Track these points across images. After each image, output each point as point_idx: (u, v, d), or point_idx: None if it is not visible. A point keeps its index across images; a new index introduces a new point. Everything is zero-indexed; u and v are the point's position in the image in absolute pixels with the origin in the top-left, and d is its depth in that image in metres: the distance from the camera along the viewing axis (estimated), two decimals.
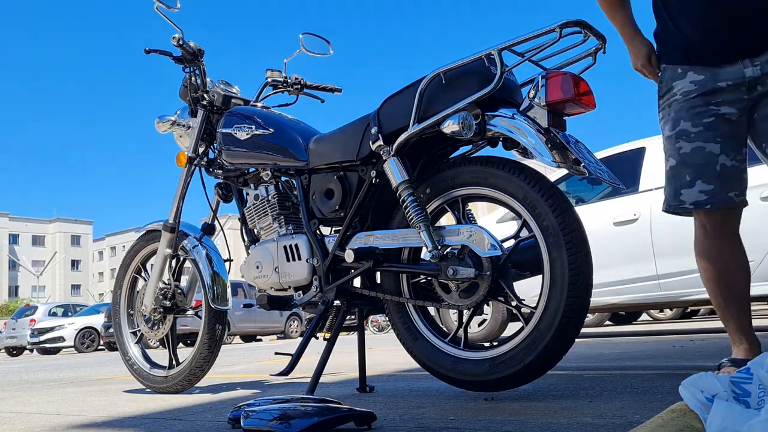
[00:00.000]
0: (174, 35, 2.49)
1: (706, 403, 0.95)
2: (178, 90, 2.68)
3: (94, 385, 3.36)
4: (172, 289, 2.67)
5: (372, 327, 18.55)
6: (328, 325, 2.16)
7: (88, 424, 1.81)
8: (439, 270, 1.86)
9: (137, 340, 2.82)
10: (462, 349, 1.89)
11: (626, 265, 4.41)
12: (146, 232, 2.79)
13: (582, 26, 1.72)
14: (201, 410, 2.01)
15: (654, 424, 0.97)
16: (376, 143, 1.96)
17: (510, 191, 1.78)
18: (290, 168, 2.28)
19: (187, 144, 2.62)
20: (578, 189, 5.20)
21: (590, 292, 1.70)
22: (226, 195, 2.59)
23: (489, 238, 1.77)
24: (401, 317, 2.02)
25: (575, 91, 1.70)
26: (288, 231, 2.30)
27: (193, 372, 2.54)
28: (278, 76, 2.67)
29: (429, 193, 1.95)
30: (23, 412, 2.23)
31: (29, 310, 18.51)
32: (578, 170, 1.71)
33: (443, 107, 1.81)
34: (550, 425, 1.34)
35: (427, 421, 1.51)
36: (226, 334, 3.79)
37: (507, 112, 1.79)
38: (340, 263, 2.09)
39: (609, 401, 1.64)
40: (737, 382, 1.00)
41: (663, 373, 2.31)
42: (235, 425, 1.57)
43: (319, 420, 1.39)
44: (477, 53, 1.77)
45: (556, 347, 1.69)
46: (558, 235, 1.69)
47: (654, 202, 4.39)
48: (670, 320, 10.10)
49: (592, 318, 8.06)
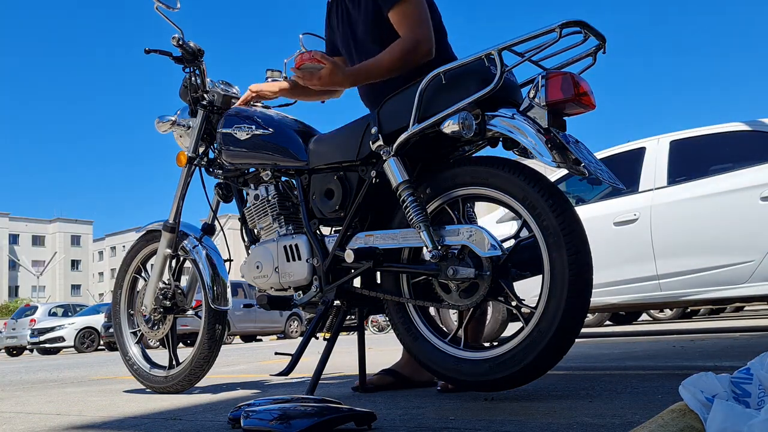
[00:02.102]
0: (174, 35, 2.49)
1: (706, 403, 0.95)
2: (178, 90, 2.68)
3: (94, 385, 3.36)
4: (172, 289, 2.67)
5: (372, 327, 18.55)
6: (328, 325, 2.16)
7: (88, 424, 1.81)
8: (439, 270, 1.86)
9: (137, 340, 2.82)
10: (462, 349, 1.89)
11: (626, 265, 4.41)
12: (146, 232, 2.79)
13: (582, 26, 1.72)
14: (201, 410, 2.01)
15: (654, 424, 0.97)
16: (376, 143, 1.96)
17: (510, 191, 1.78)
18: (290, 168, 2.28)
19: (187, 144, 2.62)
20: (578, 189, 5.20)
21: (590, 292, 1.70)
22: (226, 195, 2.59)
23: (489, 238, 1.77)
24: (401, 317, 2.02)
25: (575, 91, 1.70)
26: (288, 231, 2.30)
27: (193, 372, 2.54)
28: (278, 76, 2.67)
29: (429, 193, 1.95)
30: (23, 412, 2.23)
31: (29, 310, 18.51)
32: (578, 170, 1.71)
33: (443, 107, 1.81)
34: (550, 425, 1.34)
35: (427, 421, 1.51)
36: (226, 334, 3.79)
37: (507, 112, 1.79)
38: (340, 263, 2.09)
39: (609, 401, 1.64)
40: (737, 382, 1.00)
41: (663, 373, 2.31)
42: (235, 425, 1.57)
43: (319, 420, 1.39)
44: (477, 53, 1.77)
45: (556, 347, 1.69)
46: (558, 235, 1.69)
47: (654, 202, 4.39)
48: (670, 320, 10.10)
49: (592, 318, 8.06)
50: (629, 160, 4.68)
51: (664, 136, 4.65)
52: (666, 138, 4.62)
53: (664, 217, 4.30)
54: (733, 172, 4.12)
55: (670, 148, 4.53)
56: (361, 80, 2.11)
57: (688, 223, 4.19)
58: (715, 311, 11.41)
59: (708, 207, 4.12)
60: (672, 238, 4.24)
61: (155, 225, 2.74)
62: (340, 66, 2.07)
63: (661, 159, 4.51)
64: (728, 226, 4.00)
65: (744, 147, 4.27)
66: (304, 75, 2.06)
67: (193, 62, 2.56)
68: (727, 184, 4.08)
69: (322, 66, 2.03)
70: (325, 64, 2.03)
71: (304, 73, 2.06)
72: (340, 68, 2.05)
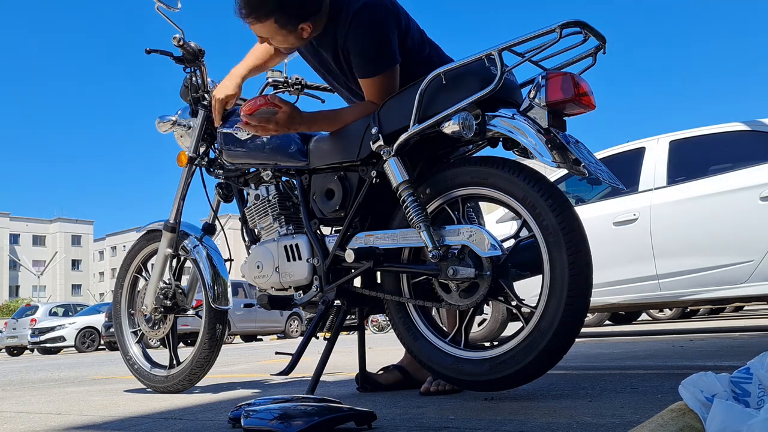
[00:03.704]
0: (175, 35, 2.49)
1: (705, 402, 0.96)
2: (179, 90, 2.68)
3: (95, 385, 3.37)
4: (172, 288, 2.67)
5: (372, 327, 18.55)
6: (328, 325, 2.16)
7: (88, 424, 1.82)
8: (439, 270, 1.86)
9: (138, 339, 2.83)
10: (462, 349, 1.89)
11: (626, 265, 4.42)
12: (147, 231, 2.80)
13: (582, 26, 1.72)
14: (201, 410, 2.01)
15: (654, 423, 0.98)
16: (377, 143, 1.96)
17: (510, 191, 1.78)
18: (291, 168, 2.28)
19: (188, 144, 2.63)
20: (578, 189, 5.20)
21: (590, 292, 1.70)
22: (226, 195, 2.59)
23: (489, 238, 1.77)
24: (401, 317, 2.02)
25: (575, 92, 1.70)
26: (288, 231, 2.30)
27: (194, 371, 2.54)
28: (279, 76, 2.67)
29: (429, 193, 1.95)
30: (24, 411, 2.23)
31: (30, 310, 18.53)
32: (578, 170, 1.71)
33: (443, 107, 1.81)
34: (550, 425, 1.34)
35: (427, 420, 1.51)
36: (226, 334, 3.80)
37: (507, 112, 1.79)
38: (341, 263, 2.09)
39: (609, 401, 1.64)
40: (737, 381, 1.01)
41: (663, 373, 2.31)
42: (235, 425, 1.57)
43: (320, 420, 1.39)
44: (477, 53, 1.77)
45: (556, 347, 1.69)
46: (558, 234, 1.69)
47: (654, 202, 4.39)
48: (669, 320, 10.10)
49: (592, 318, 8.06)
50: (629, 160, 4.68)
51: (663, 136, 4.65)
52: (666, 138, 4.62)
53: (664, 217, 4.31)
54: (733, 172, 4.12)
55: (669, 148, 4.53)
56: (318, 128, 2.14)
57: (687, 223, 4.19)
58: (715, 311, 11.42)
59: (707, 207, 4.12)
60: (671, 238, 4.24)
61: (156, 225, 2.74)
62: (298, 110, 2.06)
63: (661, 159, 4.52)
64: (728, 226, 4.00)
65: (743, 147, 4.28)
66: (259, 121, 2.02)
67: (193, 62, 2.56)
68: (727, 184, 4.08)
69: (277, 110, 2.01)
70: (282, 108, 2.02)
71: (259, 119, 2.02)
72: (298, 113, 2.04)
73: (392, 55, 2.01)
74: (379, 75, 2.00)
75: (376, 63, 1.99)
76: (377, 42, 1.98)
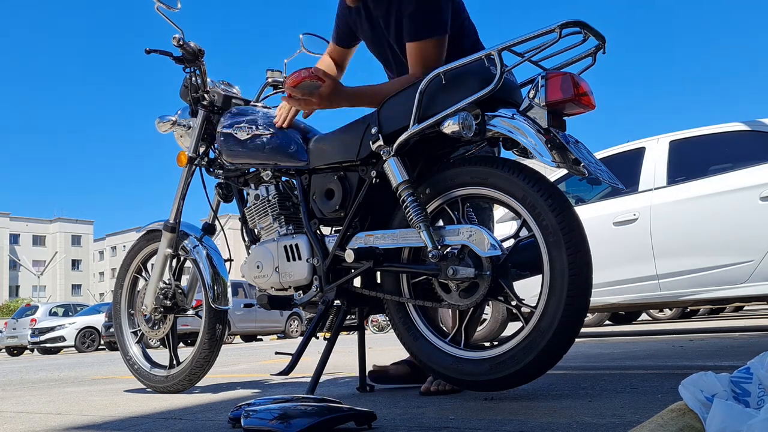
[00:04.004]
0: (174, 35, 2.49)
1: (705, 402, 0.96)
2: (179, 90, 2.68)
3: (95, 385, 3.37)
4: (172, 288, 2.67)
5: (372, 327, 18.55)
6: (328, 325, 2.16)
7: (88, 424, 1.82)
8: (439, 270, 1.86)
9: (138, 339, 2.83)
10: (462, 349, 1.89)
11: (626, 265, 4.42)
12: (147, 231, 2.80)
13: (582, 26, 1.72)
14: (201, 410, 2.01)
15: (654, 423, 0.98)
16: (377, 143, 1.96)
17: (510, 191, 1.78)
18: (290, 168, 2.28)
19: (188, 144, 2.63)
20: (578, 189, 5.21)
21: (590, 292, 1.70)
22: (226, 195, 2.59)
23: (489, 238, 1.77)
24: (401, 317, 2.02)
25: (575, 91, 1.70)
26: (288, 231, 2.30)
27: (194, 371, 2.54)
28: (278, 76, 2.67)
29: (429, 193, 1.95)
30: (24, 411, 2.23)
31: (30, 310, 18.53)
32: (578, 170, 1.71)
33: (443, 107, 1.81)
34: (550, 425, 1.34)
35: (427, 420, 1.51)
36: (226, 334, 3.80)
37: (507, 112, 1.79)
38: (341, 263, 2.09)
39: (609, 401, 1.64)
40: (737, 381, 1.00)
41: (663, 373, 2.31)
42: (235, 425, 1.57)
43: (320, 420, 1.39)
44: (477, 53, 1.78)
45: (556, 347, 1.69)
46: (558, 234, 1.69)
47: (653, 202, 4.39)
48: (669, 320, 10.10)
49: (592, 318, 8.06)
50: (629, 160, 4.69)
51: (663, 136, 4.66)
52: (666, 138, 4.62)
53: (664, 217, 4.31)
54: (733, 172, 4.12)
55: (669, 148, 4.54)
56: (361, 104, 2.11)
57: (687, 223, 4.19)
58: (715, 311, 11.42)
59: (707, 207, 4.12)
60: (671, 238, 4.25)
61: (156, 225, 2.74)
62: (341, 84, 2.04)
63: (661, 159, 4.52)
64: (727, 226, 4.00)
65: (743, 147, 4.28)
66: (303, 93, 2.01)
67: (193, 62, 2.56)
68: (727, 184, 4.08)
69: (320, 84, 1.99)
70: (325, 81, 2.00)
71: (303, 92, 2.01)
72: (341, 87, 2.03)
73: (443, 24, 2.00)
74: (426, 39, 1.99)
75: (425, 26, 1.98)
76: (431, 3, 1.98)
